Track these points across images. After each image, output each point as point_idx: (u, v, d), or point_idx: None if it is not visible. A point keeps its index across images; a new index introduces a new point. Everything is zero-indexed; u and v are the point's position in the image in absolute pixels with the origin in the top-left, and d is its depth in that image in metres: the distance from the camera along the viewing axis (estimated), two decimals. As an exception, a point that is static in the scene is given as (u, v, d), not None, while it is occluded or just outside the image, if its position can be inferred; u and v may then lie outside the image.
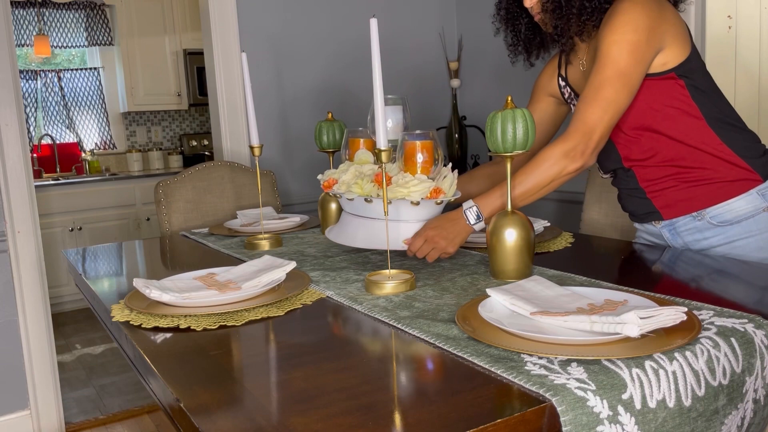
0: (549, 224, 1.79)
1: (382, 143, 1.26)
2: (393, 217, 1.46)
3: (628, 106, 1.42)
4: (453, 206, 1.50)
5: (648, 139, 1.48)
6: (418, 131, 1.45)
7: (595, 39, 1.49)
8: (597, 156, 1.43)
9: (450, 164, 1.54)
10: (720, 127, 1.45)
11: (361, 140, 1.65)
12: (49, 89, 5.28)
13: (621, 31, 1.37)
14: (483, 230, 1.58)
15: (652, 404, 0.84)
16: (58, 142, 5.26)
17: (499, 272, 1.33)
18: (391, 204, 1.43)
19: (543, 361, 0.88)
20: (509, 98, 1.28)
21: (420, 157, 1.44)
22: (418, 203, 1.42)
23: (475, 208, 1.41)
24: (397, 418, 0.77)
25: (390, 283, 1.27)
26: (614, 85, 1.38)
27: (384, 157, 1.26)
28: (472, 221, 1.41)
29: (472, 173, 1.81)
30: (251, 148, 1.74)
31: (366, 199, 1.46)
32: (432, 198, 1.42)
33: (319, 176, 1.64)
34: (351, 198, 1.50)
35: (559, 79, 1.66)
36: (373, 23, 1.23)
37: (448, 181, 1.46)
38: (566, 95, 1.66)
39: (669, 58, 1.42)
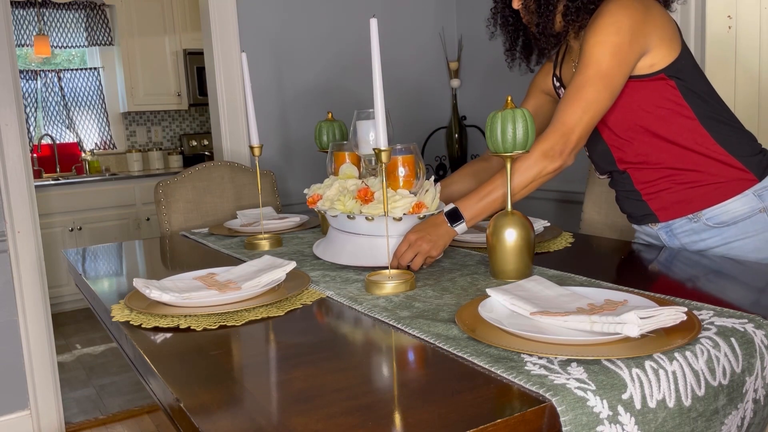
0: (549, 224, 1.79)
1: (382, 143, 1.26)
2: (376, 233, 1.46)
3: (608, 108, 1.42)
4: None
5: (641, 141, 1.48)
6: (399, 146, 1.44)
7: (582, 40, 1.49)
8: (575, 156, 1.43)
9: (432, 177, 1.55)
10: (713, 127, 1.45)
11: (346, 153, 1.65)
12: (49, 89, 5.28)
13: (604, 32, 1.37)
14: (465, 232, 1.59)
15: (652, 404, 0.84)
16: (58, 142, 5.26)
17: (499, 272, 1.33)
18: (374, 221, 1.43)
19: (543, 361, 0.88)
20: (509, 98, 1.28)
21: (402, 172, 1.44)
22: (400, 219, 1.42)
23: (456, 212, 1.41)
24: (397, 418, 0.77)
25: (390, 283, 1.27)
26: (595, 85, 1.38)
27: (384, 157, 1.26)
28: (453, 224, 1.41)
29: (457, 173, 1.81)
30: (251, 148, 1.74)
31: (348, 216, 1.47)
32: (414, 213, 1.42)
33: (306, 190, 1.65)
34: (335, 215, 1.50)
35: (554, 78, 1.67)
36: (373, 23, 1.23)
37: (430, 195, 1.46)
38: (561, 95, 1.66)
39: (657, 59, 1.42)
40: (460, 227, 1.41)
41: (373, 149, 1.29)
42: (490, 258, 1.35)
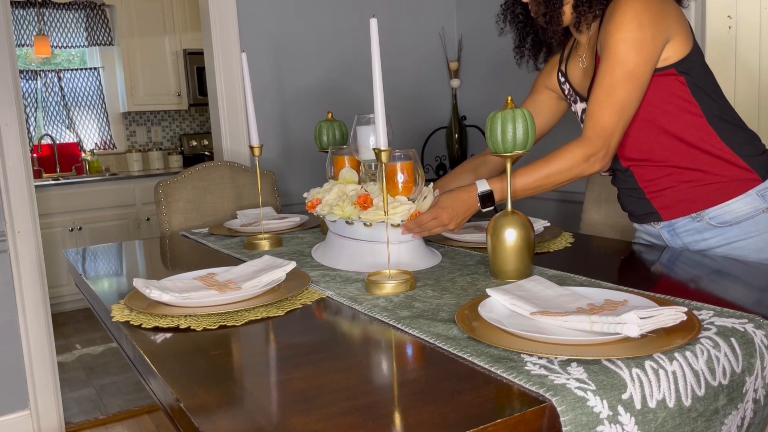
0: (549, 224, 1.79)
1: (381, 143, 1.26)
2: (374, 239, 1.47)
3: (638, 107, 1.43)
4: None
5: (646, 137, 1.48)
6: (397, 152, 1.44)
7: (596, 36, 1.49)
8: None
9: (431, 185, 1.55)
10: (719, 126, 1.45)
11: (346, 158, 1.66)
12: (49, 89, 5.28)
13: (626, 28, 1.36)
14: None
15: (652, 404, 0.84)
16: (58, 142, 5.26)
17: (499, 272, 1.33)
18: (372, 227, 1.44)
19: (543, 361, 0.88)
20: (509, 98, 1.28)
21: (400, 177, 1.45)
22: (398, 225, 1.42)
23: (490, 195, 1.43)
24: (397, 418, 0.77)
25: (390, 283, 1.27)
26: (626, 87, 1.38)
27: (384, 157, 1.26)
28: (484, 208, 1.43)
29: (455, 171, 1.81)
30: (251, 148, 1.74)
31: (347, 222, 1.47)
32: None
33: (305, 194, 1.65)
34: (333, 220, 1.51)
35: (559, 74, 1.66)
36: (373, 23, 1.22)
37: (428, 202, 1.46)
38: (565, 91, 1.66)
39: (670, 53, 1.41)
40: (489, 210, 1.45)
41: (373, 149, 1.29)
42: (490, 258, 1.35)
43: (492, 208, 1.44)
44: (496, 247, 1.32)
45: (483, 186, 1.42)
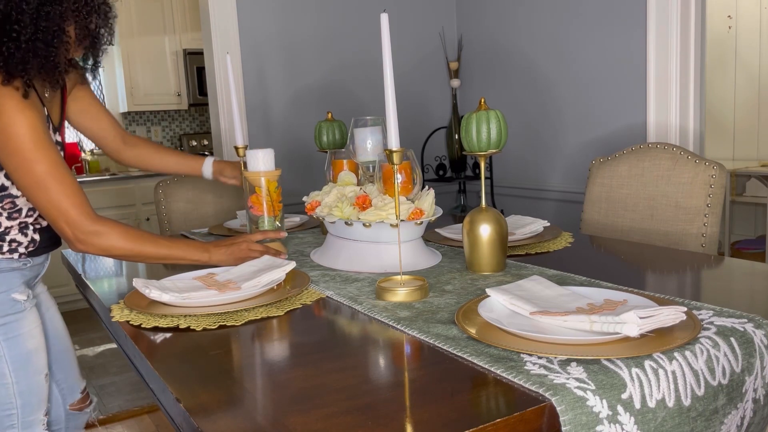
0: (549, 224, 1.79)
1: (393, 143, 1.22)
2: (373, 239, 1.47)
3: None
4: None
5: None
6: None
7: None
8: None
9: (427, 187, 1.55)
10: None
11: (344, 161, 1.66)
12: (49, 89, 5.27)
13: None
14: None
15: (651, 404, 0.84)
16: (58, 142, 5.25)
17: (475, 265, 1.39)
18: (372, 227, 1.44)
19: (542, 361, 0.88)
20: (482, 100, 1.34)
21: (398, 178, 1.44)
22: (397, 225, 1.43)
23: None
24: (397, 418, 0.77)
25: (402, 290, 1.23)
26: None
27: (396, 158, 1.23)
28: None
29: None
30: (236, 148, 1.79)
31: (346, 223, 1.47)
32: (413, 219, 1.43)
33: (304, 198, 1.66)
34: (332, 221, 1.51)
35: None
36: (384, 18, 1.19)
37: (428, 201, 1.46)
38: None
39: None
40: None
41: (385, 150, 1.27)
42: (466, 252, 1.40)
43: None
44: (472, 242, 1.38)
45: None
